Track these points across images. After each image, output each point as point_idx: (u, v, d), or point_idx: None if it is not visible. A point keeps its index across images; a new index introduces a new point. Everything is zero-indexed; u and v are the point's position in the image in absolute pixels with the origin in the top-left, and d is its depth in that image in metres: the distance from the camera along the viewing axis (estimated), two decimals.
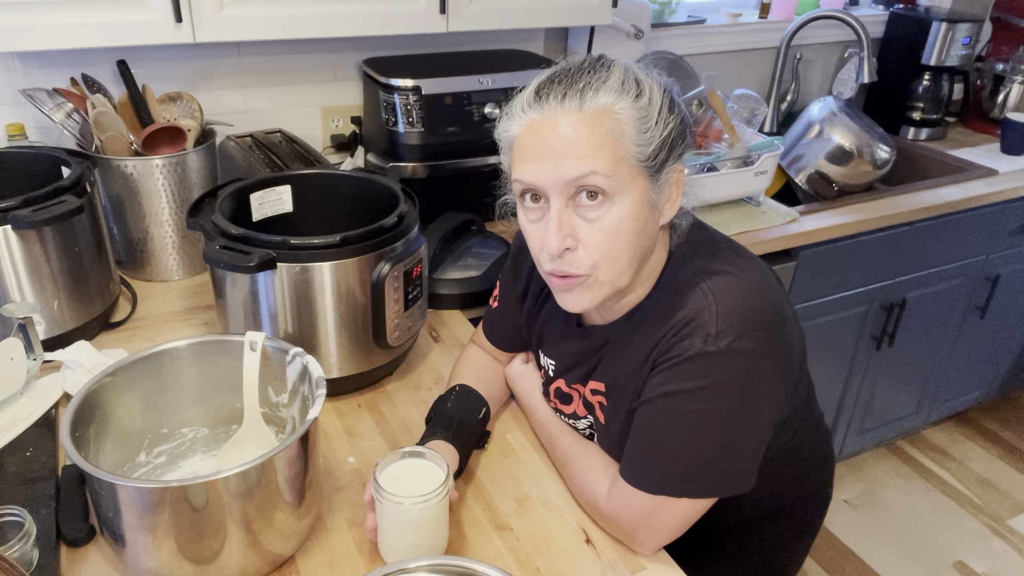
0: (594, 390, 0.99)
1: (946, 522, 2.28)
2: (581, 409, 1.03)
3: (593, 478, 0.96)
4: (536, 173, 0.82)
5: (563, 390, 1.06)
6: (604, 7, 1.68)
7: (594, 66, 0.83)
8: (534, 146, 0.82)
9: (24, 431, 1.04)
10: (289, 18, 1.40)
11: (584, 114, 0.80)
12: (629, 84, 0.82)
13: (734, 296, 0.85)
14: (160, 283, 1.45)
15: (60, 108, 1.39)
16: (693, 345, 0.83)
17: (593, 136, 0.79)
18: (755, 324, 0.84)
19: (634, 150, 0.81)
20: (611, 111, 0.80)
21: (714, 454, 0.85)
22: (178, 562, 0.79)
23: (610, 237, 0.82)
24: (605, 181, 0.80)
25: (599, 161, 0.79)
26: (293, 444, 0.81)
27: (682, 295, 0.88)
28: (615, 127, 0.80)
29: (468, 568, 0.72)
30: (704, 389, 0.83)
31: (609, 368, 0.97)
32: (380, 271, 1.07)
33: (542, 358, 1.10)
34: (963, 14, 2.45)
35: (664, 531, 0.89)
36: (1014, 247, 2.28)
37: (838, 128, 1.96)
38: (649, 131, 0.81)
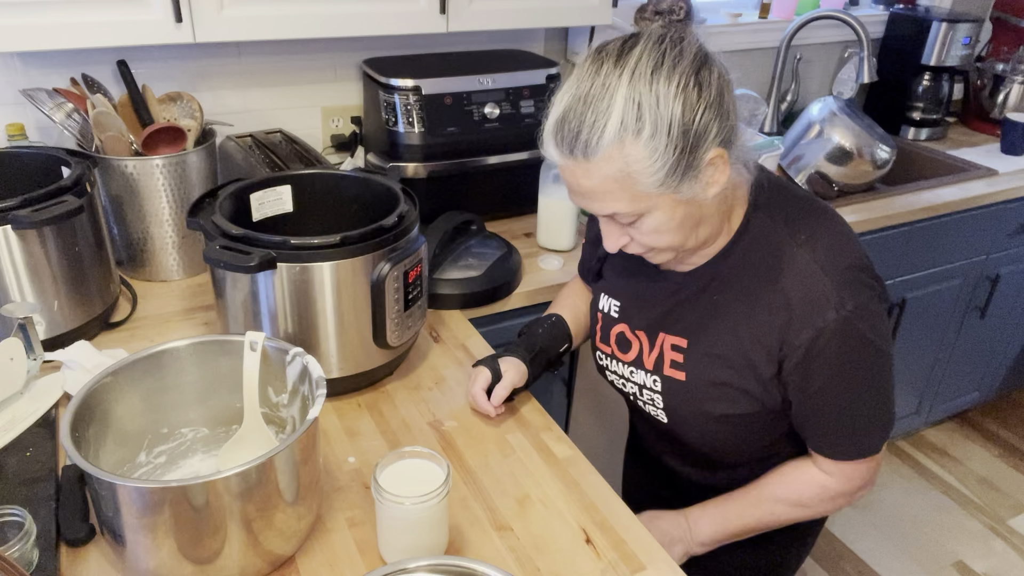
0: (674, 345, 1.01)
1: (946, 522, 2.28)
2: (648, 362, 1.04)
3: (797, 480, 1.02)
4: (577, 203, 0.91)
5: (626, 336, 1.07)
6: (604, 7, 1.68)
7: (601, 92, 0.81)
8: (567, 183, 0.89)
9: (24, 431, 1.04)
10: (289, 18, 1.40)
11: (592, 164, 0.83)
12: (629, 119, 0.80)
13: (836, 259, 0.90)
14: (160, 283, 1.45)
15: (60, 108, 1.39)
16: (828, 318, 0.88)
17: (605, 183, 0.84)
18: (861, 277, 0.91)
19: (648, 182, 0.83)
20: (614, 156, 0.81)
21: (887, 398, 0.97)
22: (178, 562, 0.79)
23: (654, 236, 0.89)
24: (629, 215, 0.86)
25: (618, 203, 0.85)
26: (293, 444, 0.81)
27: (784, 262, 0.92)
28: (623, 169, 0.82)
29: (468, 568, 0.72)
30: (860, 349, 0.91)
31: (691, 323, 0.99)
32: (380, 271, 1.07)
33: (602, 299, 1.11)
34: (963, 14, 2.45)
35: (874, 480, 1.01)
36: (1014, 247, 2.28)
37: (838, 128, 1.96)
38: (658, 159, 0.81)
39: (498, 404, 1.11)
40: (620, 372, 1.10)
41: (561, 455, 1.07)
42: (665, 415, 1.06)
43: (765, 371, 0.95)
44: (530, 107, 1.67)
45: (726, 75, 0.85)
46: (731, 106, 0.85)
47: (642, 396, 1.08)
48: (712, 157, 0.84)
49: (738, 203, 0.95)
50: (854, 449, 0.97)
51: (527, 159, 1.68)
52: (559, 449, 1.08)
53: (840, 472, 0.99)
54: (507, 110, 1.64)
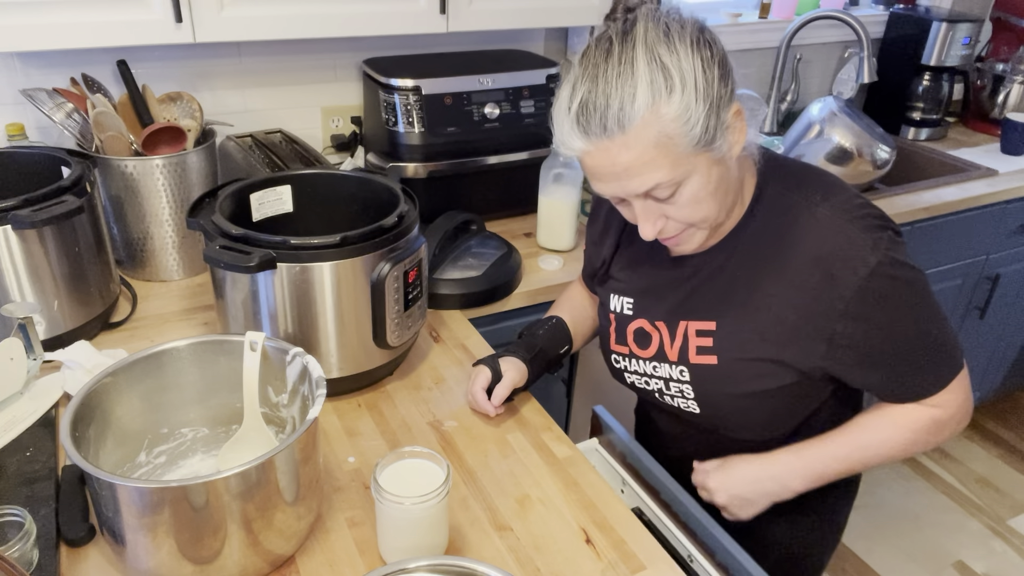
0: (700, 331, 0.99)
1: (946, 522, 2.28)
2: (672, 353, 1.02)
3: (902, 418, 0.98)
4: (608, 191, 0.88)
5: (645, 329, 1.05)
6: (604, 7, 1.68)
7: (619, 69, 0.81)
8: (596, 170, 0.86)
9: (24, 431, 1.04)
10: (289, 18, 1.40)
11: (628, 135, 0.81)
12: (657, 80, 0.80)
13: (854, 208, 0.91)
14: (160, 283, 1.45)
15: (60, 108, 1.39)
16: (871, 261, 0.87)
17: (645, 152, 0.82)
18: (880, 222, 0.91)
19: (685, 142, 0.82)
20: (651, 120, 0.80)
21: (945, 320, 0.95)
22: (178, 562, 0.79)
23: (693, 207, 0.88)
24: (669, 184, 0.84)
25: (659, 171, 0.83)
26: (293, 444, 0.81)
27: (809, 224, 0.91)
28: (660, 132, 0.80)
29: (468, 568, 0.72)
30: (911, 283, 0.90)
31: (715, 304, 0.98)
32: (380, 271, 1.07)
33: (613, 300, 1.10)
34: (963, 14, 2.45)
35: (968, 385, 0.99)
36: (1014, 247, 2.28)
37: (838, 128, 1.96)
38: (692, 116, 0.81)
39: (498, 404, 1.11)
40: (641, 370, 1.07)
41: (561, 455, 1.07)
42: (697, 405, 1.03)
43: (805, 334, 0.93)
44: (530, 107, 1.67)
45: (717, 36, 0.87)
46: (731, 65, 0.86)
47: (668, 390, 1.05)
48: (733, 112, 0.85)
49: (747, 175, 0.96)
50: (938, 378, 0.95)
51: (527, 159, 1.68)
52: (559, 449, 1.08)
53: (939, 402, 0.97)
54: (507, 110, 1.65)
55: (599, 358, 1.62)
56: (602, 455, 1.18)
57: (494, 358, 1.14)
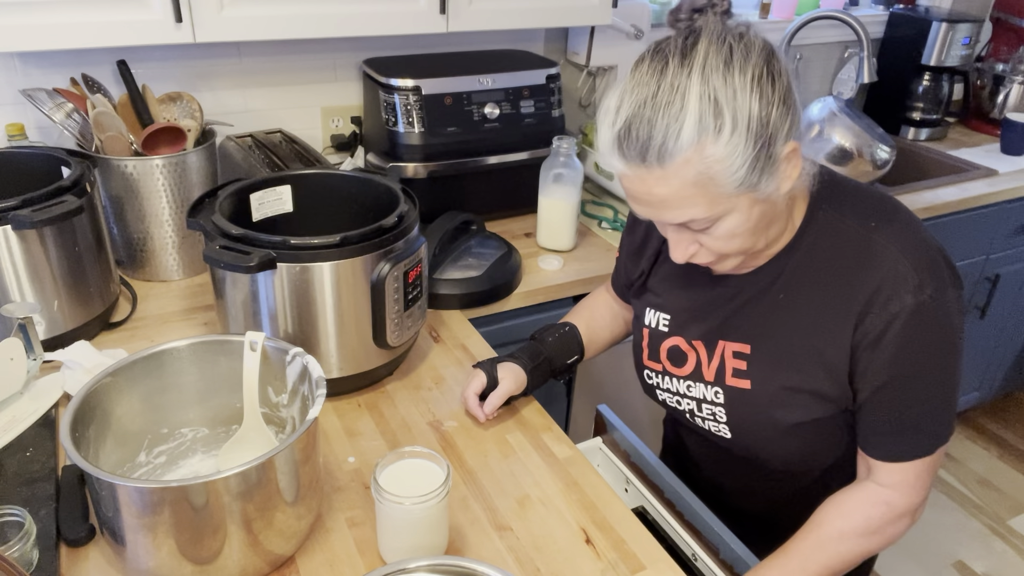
0: (736, 352, 0.96)
1: (946, 522, 2.28)
2: (709, 373, 0.99)
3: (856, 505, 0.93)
4: (643, 213, 0.85)
5: (680, 348, 1.02)
6: (604, 7, 1.68)
7: (669, 96, 0.76)
8: (633, 193, 0.83)
9: (24, 431, 1.04)
10: (289, 18, 1.40)
11: (667, 171, 0.77)
12: (707, 118, 0.75)
13: (913, 241, 0.87)
14: (160, 283, 1.45)
15: (60, 108, 1.39)
16: (905, 302, 0.84)
17: (682, 189, 0.78)
18: (939, 261, 0.87)
19: (726, 183, 0.78)
20: (693, 159, 0.76)
21: (950, 398, 0.91)
22: (178, 562, 0.79)
23: (727, 241, 0.84)
24: (705, 220, 0.81)
25: (695, 209, 0.80)
26: (293, 444, 0.81)
27: (857, 250, 0.88)
28: (703, 172, 0.77)
29: (468, 568, 0.72)
30: (930, 341, 0.86)
31: (753, 327, 0.95)
32: (380, 271, 1.07)
33: (648, 314, 1.06)
34: (963, 14, 2.45)
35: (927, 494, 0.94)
36: (1014, 247, 2.28)
37: (838, 128, 1.96)
38: (739, 156, 0.76)
39: (490, 412, 1.10)
40: (675, 389, 1.04)
41: (561, 455, 1.07)
42: (728, 429, 1.00)
43: (838, 364, 0.89)
44: (530, 107, 1.67)
45: (786, 66, 0.82)
46: (798, 97, 0.82)
47: (700, 412, 1.02)
48: (788, 151, 0.80)
49: (799, 197, 0.91)
50: (916, 445, 0.90)
51: (527, 159, 1.68)
52: (559, 449, 1.08)
53: (902, 481, 0.91)
54: (507, 110, 1.65)
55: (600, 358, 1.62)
56: (606, 454, 1.18)
57: (493, 363, 1.13)
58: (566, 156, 1.56)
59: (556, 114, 1.71)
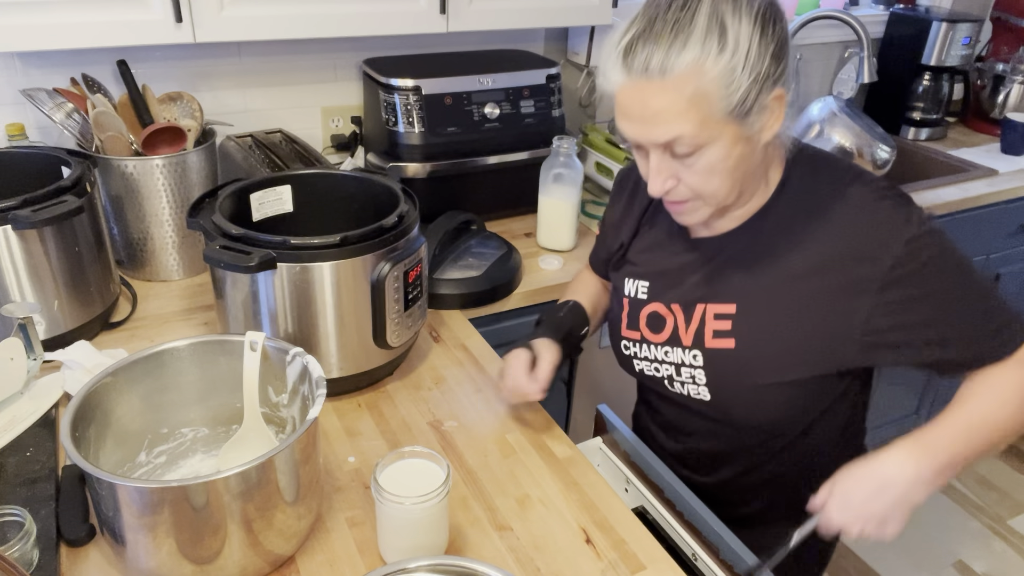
0: (719, 314, 0.98)
1: (946, 522, 2.28)
2: (687, 337, 1.01)
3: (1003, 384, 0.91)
4: (631, 132, 0.88)
5: (659, 313, 1.04)
6: (604, 7, 1.68)
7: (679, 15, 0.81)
8: (626, 109, 0.86)
9: (24, 431, 1.04)
10: (289, 18, 1.40)
11: (667, 81, 0.81)
12: (712, 35, 0.80)
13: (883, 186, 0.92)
14: (160, 283, 1.45)
15: (60, 108, 1.39)
16: (911, 230, 0.88)
17: (677, 103, 0.82)
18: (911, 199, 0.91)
19: (719, 106, 0.82)
20: (694, 73, 0.80)
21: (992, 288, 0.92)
22: (178, 562, 0.79)
23: (706, 176, 0.88)
24: (691, 141, 0.84)
25: (685, 125, 0.83)
26: (293, 444, 0.81)
27: (835, 201, 0.91)
28: (698, 88, 0.81)
29: (468, 568, 0.72)
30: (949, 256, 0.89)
31: (737, 287, 0.97)
32: (380, 271, 1.07)
33: (628, 284, 1.09)
34: (963, 14, 2.45)
35: None
36: (1014, 247, 2.27)
37: (838, 128, 1.96)
38: (735, 82, 0.81)
39: (545, 384, 1.06)
40: (651, 356, 1.06)
41: (561, 455, 1.07)
42: (709, 391, 1.01)
43: (835, 320, 0.91)
44: (530, 107, 1.67)
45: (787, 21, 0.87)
46: (791, 51, 0.87)
47: (679, 376, 1.03)
48: (775, 96, 0.85)
49: (775, 161, 0.96)
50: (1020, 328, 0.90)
51: (527, 159, 1.68)
52: (559, 449, 1.08)
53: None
54: (507, 110, 1.65)
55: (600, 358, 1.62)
56: (606, 454, 1.18)
57: (527, 341, 1.11)
58: (566, 156, 1.56)
59: (556, 114, 1.71)
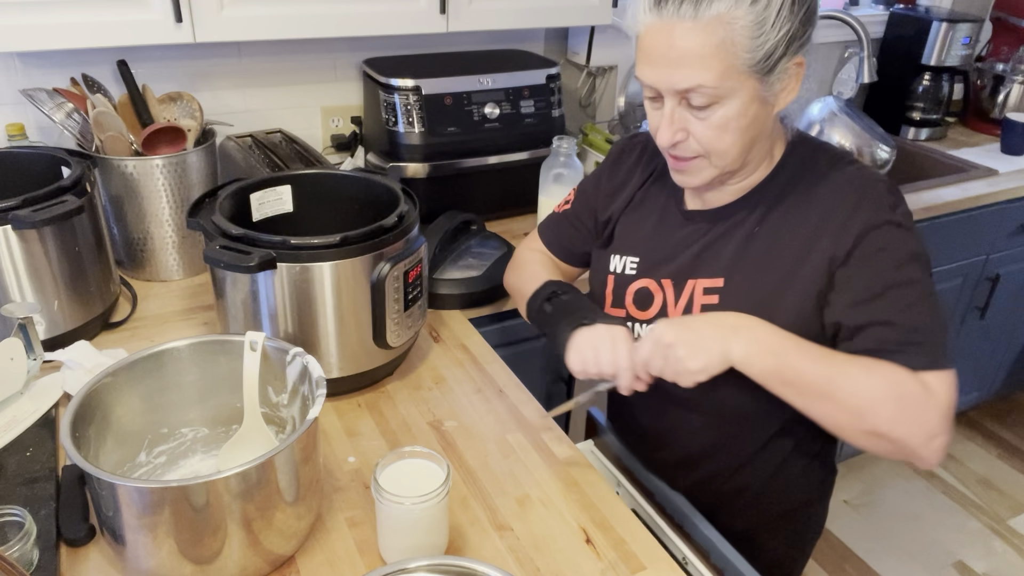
0: (708, 288, 0.97)
1: (946, 522, 2.28)
2: (676, 313, 0.99)
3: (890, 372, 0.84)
4: (652, 77, 0.87)
5: (649, 289, 1.03)
6: (604, 7, 1.68)
7: None
8: (651, 51, 0.86)
9: (24, 431, 1.04)
10: (289, 18, 1.40)
11: (698, 23, 0.81)
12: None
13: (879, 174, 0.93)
14: (160, 283, 1.45)
15: (60, 108, 1.39)
16: (881, 216, 0.88)
17: (704, 47, 0.82)
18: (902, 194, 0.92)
19: (745, 57, 0.82)
20: (725, 19, 0.81)
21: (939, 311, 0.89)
22: (178, 562, 0.79)
23: (718, 132, 0.87)
24: (711, 91, 0.84)
25: (708, 73, 0.83)
26: (293, 444, 0.81)
27: (829, 178, 0.93)
28: (727, 35, 0.81)
29: (468, 568, 0.72)
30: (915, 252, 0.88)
31: (726, 260, 0.96)
32: (380, 271, 1.07)
33: (613, 260, 1.07)
34: (963, 14, 2.45)
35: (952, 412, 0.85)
36: (1014, 247, 2.27)
37: (838, 128, 1.96)
38: (763, 35, 0.82)
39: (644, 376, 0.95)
40: (636, 334, 1.04)
41: (561, 455, 1.07)
42: None
43: (813, 288, 0.90)
44: (530, 107, 1.67)
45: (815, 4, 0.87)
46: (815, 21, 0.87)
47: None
48: (797, 62, 0.86)
49: (779, 138, 0.96)
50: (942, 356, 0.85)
51: (527, 159, 1.68)
52: (559, 449, 1.08)
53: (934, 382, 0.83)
54: (507, 110, 1.65)
55: None
56: (597, 456, 1.18)
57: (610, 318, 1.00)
58: (566, 156, 1.56)
59: (556, 114, 1.71)
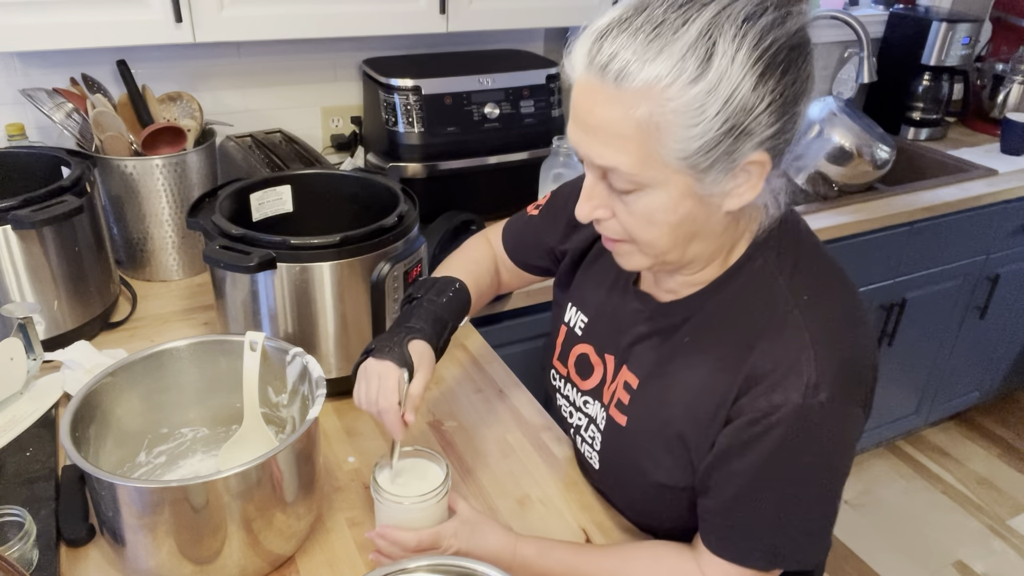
0: (626, 383, 0.86)
1: (946, 522, 2.28)
2: (606, 395, 0.89)
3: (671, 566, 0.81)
4: (573, 140, 0.73)
5: (589, 359, 0.92)
6: (604, 7, 1.68)
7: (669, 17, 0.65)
8: (575, 109, 0.71)
9: (24, 431, 1.04)
10: (289, 18, 1.40)
11: (621, 92, 0.65)
12: (691, 59, 0.64)
13: (834, 336, 0.75)
14: (160, 283, 1.45)
15: (60, 108, 1.39)
16: (789, 399, 0.72)
17: (624, 123, 0.66)
18: (849, 371, 0.74)
19: (672, 147, 0.66)
20: (654, 94, 0.64)
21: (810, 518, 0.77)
22: (178, 562, 0.79)
23: (641, 223, 0.72)
24: (628, 177, 0.69)
25: (623, 156, 0.68)
26: (293, 444, 0.81)
27: (772, 322, 0.76)
28: (652, 117, 0.65)
29: (468, 568, 0.72)
30: (801, 449, 0.73)
31: (648, 363, 0.84)
32: (380, 271, 1.07)
33: (569, 311, 0.97)
34: (963, 14, 2.45)
35: None
36: (1014, 247, 2.28)
37: (838, 128, 1.96)
38: (701, 124, 0.65)
39: (413, 419, 0.87)
40: (572, 399, 0.96)
41: (561, 455, 1.07)
42: (598, 461, 0.92)
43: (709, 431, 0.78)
44: (530, 107, 1.67)
45: (813, 76, 0.70)
46: (800, 116, 0.70)
47: (586, 432, 0.93)
48: (753, 160, 0.68)
49: (744, 234, 0.79)
50: (744, 551, 0.77)
51: (527, 159, 1.68)
52: (559, 449, 1.08)
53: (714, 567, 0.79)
54: (507, 110, 1.64)
55: None
56: None
57: (400, 345, 0.88)
58: (566, 156, 1.55)
59: (556, 114, 1.71)
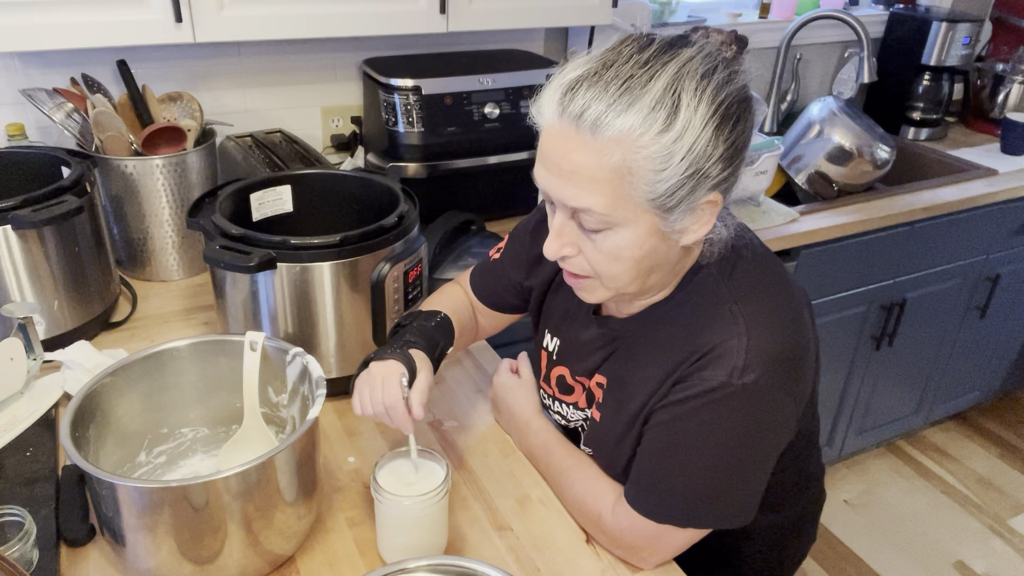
0: (599, 383, 0.96)
1: (946, 522, 2.28)
2: (583, 401, 1.01)
3: (597, 490, 0.93)
4: (543, 183, 0.79)
5: (567, 381, 1.02)
6: (604, 7, 1.68)
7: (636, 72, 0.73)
8: (546, 154, 0.77)
9: (24, 431, 1.04)
10: (289, 18, 1.40)
11: (596, 140, 0.72)
12: (662, 108, 0.71)
13: (765, 330, 0.82)
14: (160, 283, 1.45)
15: (60, 108, 1.39)
16: (716, 376, 0.80)
17: (599, 169, 0.73)
18: (781, 360, 0.81)
19: (642, 189, 0.73)
20: (627, 143, 0.72)
21: (724, 488, 0.84)
22: (178, 562, 0.79)
23: (608, 259, 0.80)
24: (600, 218, 0.76)
25: (597, 198, 0.74)
26: (293, 444, 0.81)
27: (711, 314, 0.84)
28: (625, 162, 0.72)
29: (468, 568, 0.72)
30: (721, 424, 0.81)
31: (616, 364, 0.94)
32: (380, 271, 1.07)
33: (547, 337, 1.06)
34: (963, 14, 2.45)
35: (666, 553, 0.89)
36: (1014, 247, 2.28)
37: (838, 128, 1.96)
38: (668, 169, 0.72)
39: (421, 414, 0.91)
40: (564, 412, 1.05)
41: None
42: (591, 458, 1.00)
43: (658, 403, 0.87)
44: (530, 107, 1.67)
45: (754, 126, 0.78)
46: (744, 161, 0.79)
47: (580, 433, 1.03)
48: (709, 200, 0.76)
49: (692, 259, 0.87)
50: (643, 500, 0.86)
51: (527, 159, 1.68)
52: None
53: (620, 507, 0.88)
54: (507, 110, 1.64)
55: None
56: None
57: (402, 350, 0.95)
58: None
59: None
